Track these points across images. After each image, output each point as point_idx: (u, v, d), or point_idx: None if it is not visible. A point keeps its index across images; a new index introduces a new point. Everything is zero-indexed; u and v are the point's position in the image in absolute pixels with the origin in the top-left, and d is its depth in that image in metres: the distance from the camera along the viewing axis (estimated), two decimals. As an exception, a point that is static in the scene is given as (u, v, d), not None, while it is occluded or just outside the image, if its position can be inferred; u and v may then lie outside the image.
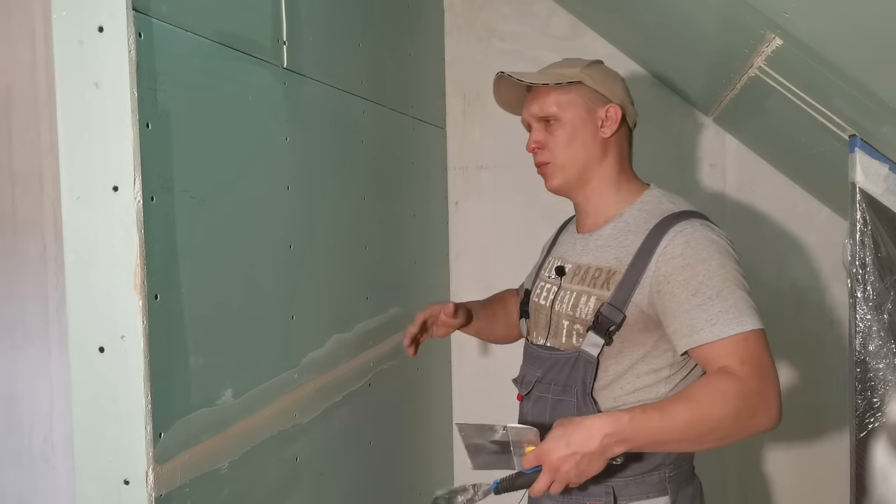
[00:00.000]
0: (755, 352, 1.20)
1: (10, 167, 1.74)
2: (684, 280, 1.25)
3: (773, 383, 1.21)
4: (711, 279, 1.24)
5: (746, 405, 1.18)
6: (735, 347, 1.20)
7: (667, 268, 1.27)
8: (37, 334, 1.76)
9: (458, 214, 2.57)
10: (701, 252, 1.26)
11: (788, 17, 1.25)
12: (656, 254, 1.29)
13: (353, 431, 1.76)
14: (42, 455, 1.77)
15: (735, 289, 1.24)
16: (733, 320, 1.21)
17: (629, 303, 1.30)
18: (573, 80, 1.40)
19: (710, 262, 1.25)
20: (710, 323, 1.21)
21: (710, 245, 1.27)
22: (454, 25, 2.53)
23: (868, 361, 1.56)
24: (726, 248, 1.29)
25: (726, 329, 1.20)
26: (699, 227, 1.30)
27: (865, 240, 1.55)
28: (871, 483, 1.59)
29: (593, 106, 1.40)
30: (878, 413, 1.57)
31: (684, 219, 1.31)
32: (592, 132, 1.40)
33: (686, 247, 1.27)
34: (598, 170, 1.42)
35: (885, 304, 1.55)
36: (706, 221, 1.33)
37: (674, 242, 1.28)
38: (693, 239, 1.27)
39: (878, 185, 1.53)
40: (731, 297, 1.22)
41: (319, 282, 1.59)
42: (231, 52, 1.27)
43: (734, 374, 1.19)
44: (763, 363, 1.20)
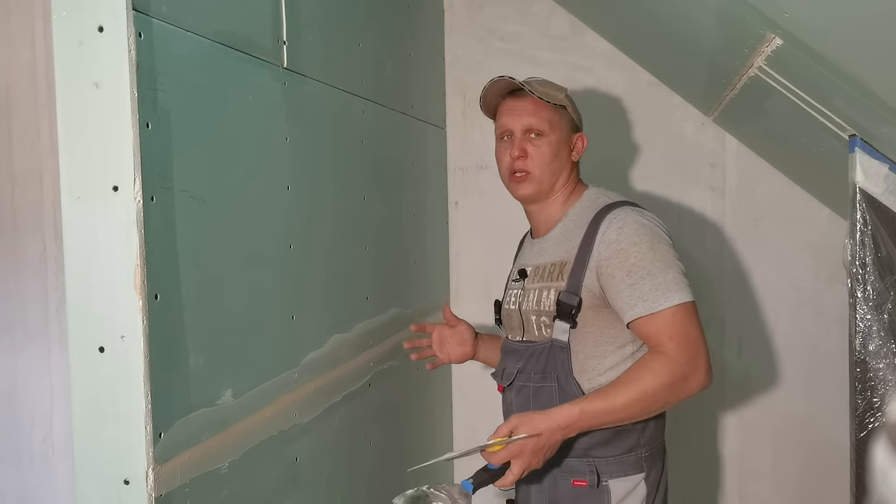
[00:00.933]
0: (682, 325, 1.38)
1: (10, 167, 1.74)
2: (619, 262, 1.42)
3: (700, 350, 1.38)
4: (642, 260, 1.41)
5: (676, 376, 1.36)
6: (664, 321, 1.38)
7: (605, 252, 1.44)
8: (37, 334, 1.76)
9: (458, 214, 2.57)
10: (632, 236, 1.43)
11: (788, 17, 1.25)
12: (596, 240, 1.46)
13: (353, 431, 1.76)
14: (42, 455, 1.77)
15: (663, 267, 1.40)
16: (661, 296, 1.38)
17: (581, 286, 1.47)
18: (562, 104, 1.58)
19: (640, 244, 1.42)
20: (643, 299, 1.39)
21: (641, 229, 1.44)
22: (454, 25, 2.53)
23: (868, 361, 1.56)
24: (656, 230, 1.45)
25: (655, 304, 1.38)
26: (630, 214, 1.47)
27: (865, 240, 1.55)
28: (871, 483, 1.59)
29: (570, 132, 1.61)
30: (878, 413, 1.57)
31: (617, 207, 1.50)
32: (567, 154, 1.59)
33: (619, 232, 1.44)
34: (562, 186, 1.60)
35: (885, 304, 1.55)
36: (637, 208, 1.51)
37: (609, 229, 1.45)
38: (625, 224, 1.45)
39: (878, 185, 1.53)
40: (659, 276, 1.39)
41: (319, 282, 1.59)
42: (231, 52, 1.27)
43: (663, 351, 1.37)
44: (689, 334, 1.38)
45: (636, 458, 1.49)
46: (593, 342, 1.48)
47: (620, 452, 1.48)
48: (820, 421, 2.31)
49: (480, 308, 2.55)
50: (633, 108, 2.40)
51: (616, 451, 1.47)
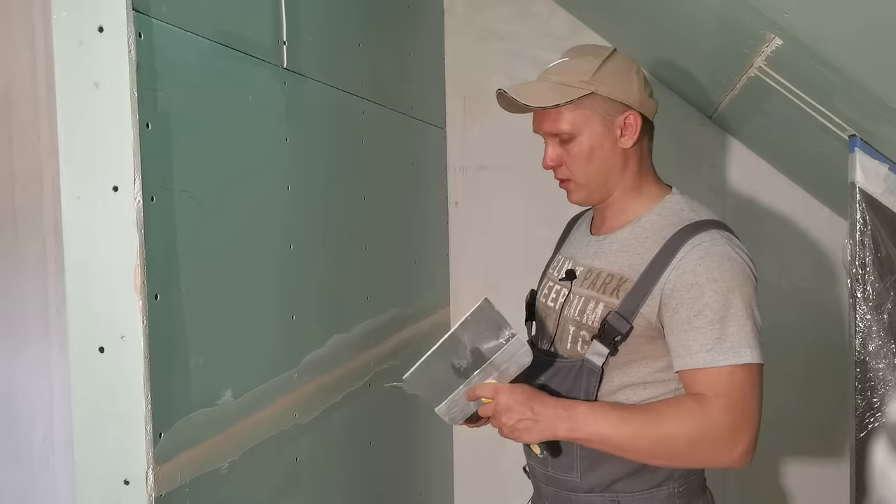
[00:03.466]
0: (738, 387, 1.17)
1: (10, 167, 1.74)
2: (691, 299, 1.20)
3: (748, 423, 1.17)
4: (717, 302, 1.18)
5: (705, 436, 1.16)
6: (719, 377, 1.17)
7: (677, 282, 1.21)
8: (37, 334, 1.76)
9: (458, 214, 2.57)
10: (713, 271, 1.20)
11: (788, 17, 1.25)
12: (671, 265, 1.22)
13: (353, 431, 1.76)
14: (42, 455, 1.77)
15: (740, 317, 1.18)
16: (729, 350, 1.17)
17: (637, 314, 1.24)
18: (585, 94, 1.29)
19: (720, 283, 1.19)
20: (706, 348, 1.18)
21: (725, 264, 1.20)
22: (454, 26, 2.53)
23: (868, 361, 1.56)
24: (743, 268, 1.22)
25: (719, 358, 1.17)
26: (719, 242, 1.22)
27: (865, 240, 1.55)
28: (871, 483, 1.59)
29: (610, 117, 1.31)
30: (878, 413, 1.57)
31: (704, 230, 1.24)
32: (612, 145, 1.32)
33: (700, 263, 1.21)
34: (621, 180, 1.35)
35: (885, 304, 1.55)
36: (728, 234, 1.26)
37: (689, 256, 1.22)
38: (709, 255, 1.21)
39: (878, 185, 1.53)
40: (733, 325, 1.18)
41: (319, 282, 1.59)
42: (231, 52, 1.27)
43: (705, 402, 1.17)
44: (744, 400, 1.16)
45: (668, 493, 1.28)
46: (634, 373, 1.28)
47: (649, 486, 1.28)
48: (820, 421, 2.31)
49: (480, 308, 2.56)
50: (633, 109, 2.40)
51: (643, 486, 1.27)
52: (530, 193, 2.49)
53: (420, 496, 2.28)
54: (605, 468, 1.28)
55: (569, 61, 1.34)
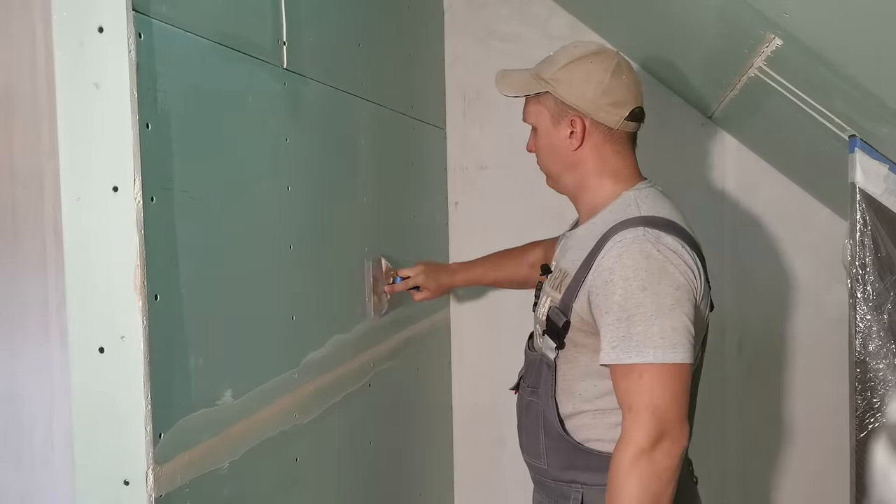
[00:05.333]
0: (646, 391, 1.17)
1: (10, 167, 1.74)
2: (605, 296, 1.23)
3: (664, 423, 1.18)
4: (627, 300, 1.20)
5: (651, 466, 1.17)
6: (627, 380, 1.19)
7: (597, 279, 1.25)
8: (37, 334, 1.76)
9: (458, 214, 2.57)
10: (627, 269, 1.21)
11: (788, 18, 1.25)
12: (595, 262, 1.26)
13: (353, 431, 1.76)
14: (42, 455, 1.77)
15: (648, 316, 1.18)
16: (633, 349, 1.18)
17: (571, 308, 1.29)
18: (540, 91, 1.35)
19: (631, 281, 1.20)
20: (612, 345, 1.20)
21: (641, 262, 1.21)
22: (454, 26, 2.53)
23: (868, 361, 1.56)
24: (663, 266, 1.21)
25: (625, 355, 1.19)
26: (640, 240, 1.23)
27: (865, 240, 1.55)
28: (871, 483, 1.59)
29: (558, 118, 1.36)
30: (878, 413, 1.57)
31: (630, 226, 1.25)
32: (562, 143, 1.36)
33: (616, 260, 1.23)
34: (576, 177, 1.39)
35: (885, 305, 1.55)
36: (657, 231, 1.25)
37: (609, 254, 1.24)
38: (626, 253, 1.22)
39: (878, 185, 1.54)
40: (640, 324, 1.18)
41: (319, 282, 1.59)
42: (231, 52, 1.27)
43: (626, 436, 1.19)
44: (654, 403, 1.17)
45: None
46: (581, 368, 1.32)
47: None
48: (820, 421, 2.31)
49: (480, 308, 2.56)
50: (633, 109, 2.39)
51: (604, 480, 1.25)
52: (530, 193, 2.48)
53: (420, 496, 2.28)
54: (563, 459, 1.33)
55: (552, 56, 1.40)
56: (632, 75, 1.37)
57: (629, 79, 1.36)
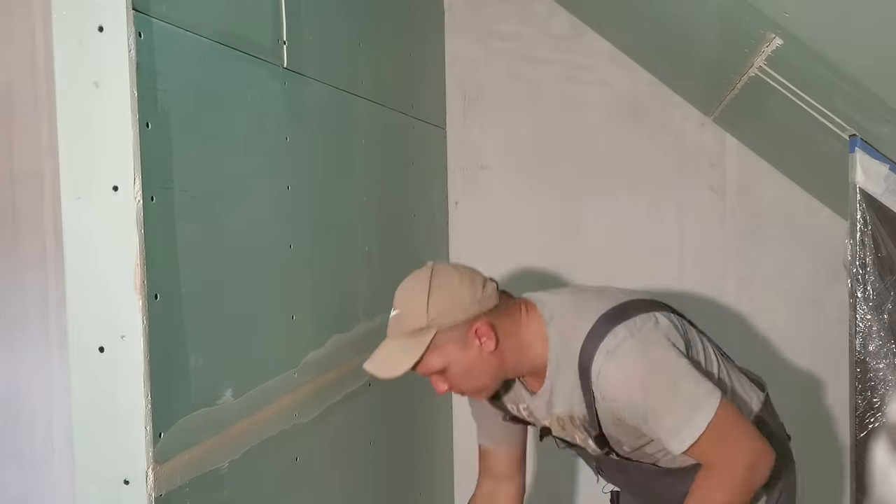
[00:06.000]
0: (718, 440, 1.28)
1: (10, 167, 1.74)
2: (633, 411, 1.31)
3: (745, 447, 1.29)
4: (649, 405, 1.29)
5: (743, 483, 1.28)
6: (702, 449, 1.28)
7: (617, 403, 1.32)
8: (37, 334, 1.76)
9: (458, 214, 2.57)
10: (626, 382, 1.30)
11: (788, 17, 1.25)
12: (594, 387, 1.32)
13: (353, 431, 1.76)
14: (42, 455, 1.77)
15: (671, 401, 1.28)
16: (686, 430, 1.27)
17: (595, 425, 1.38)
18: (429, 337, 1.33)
19: (637, 390, 1.29)
20: (673, 437, 1.28)
21: (629, 366, 1.30)
22: (454, 25, 2.53)
23: (868, 361, 1.56)
24: (656, 350, 1.31)
25: (687, 437, 1.27)
26: (611, 346, 1.31)
27: (865, 240, 1.55)
28: (871, 483, 1.59)
29: (462, 339, 1.35)
30: (878, 413, 1.57)
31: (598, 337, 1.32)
32: (479, 355, 1.36)
33: (615, 385, 1.31)
34: (506, 366, 1.39)
35: (885, 304, 1.55)
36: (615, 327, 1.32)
37: (604, 383, 1.31)
38: (614, 370, 1.30)
39: (879, 185, 1.53)
40: (673, 412, 1.28)
41: (319, 282, 1.59)
42: (231, 52, 1.27)
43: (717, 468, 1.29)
44: (729, 441, 1.28)
45: None
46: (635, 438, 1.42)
47: None
48: (820, 421, 2.31)
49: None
50: (634, 108, 2.39)
51: None
52: (530, 193, 2.49)
53: (420, 496, 2.28)
54: None
55: (400, 313, 1.39)
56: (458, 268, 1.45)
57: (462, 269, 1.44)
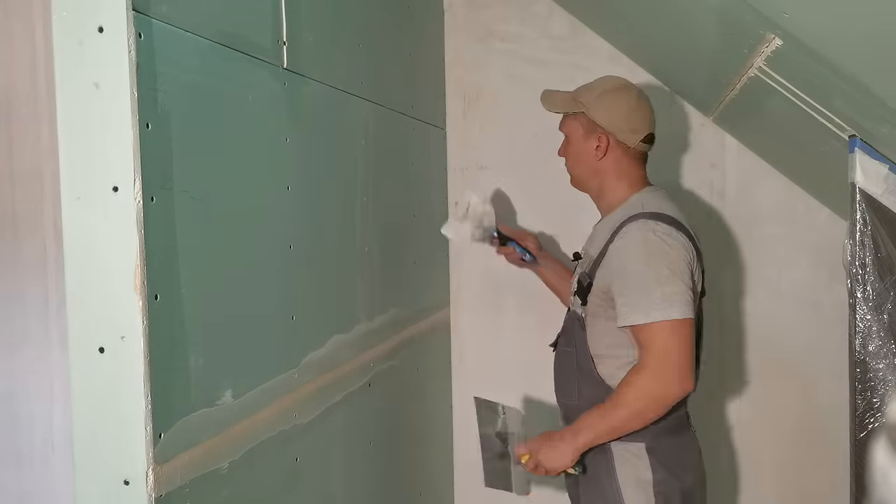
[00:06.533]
0: (657, 340, 1.52)
1: (10, 167, 1.74)
2: (617, 271, 1.58)
3: (674, 366, 1.51)
4: (634, 276, 1.55)
5: (655, 390, 1.52)
6: (644, 335, 1.53)
7: (610, 262, 1.61)
8: (37, 334, 1.76)
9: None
10: (630, 250, 1.57)
11: (788, 18, 1.25)
12: (610, 246, 1.62)
13: (353, 431, 1.76)
14: (42, 455, 1.77)
15: (653, 284, 1.52)
16: (642, 311, 1.52)
17: (594, 277, 1.65)
18: (578, 111, 1.73)
19: (637, 258, 1.55)
20: (629, 311, 1.54)
21: (642, 244, 1.56)
22: (454, 26, 2.53)
23: (868, 361, 1.56)
24: (661, 246, 1.55)
25: (636, 317, 1.53)
26: (641, 227, 1.58)
27: (865, 240, 1.55)
28: (871, 483, 1.59)
29: (589, 133, 1.73)
30: (878, 413, 1.57)
31: (636, 219, 1.60)
32: (589, 153, 1.73)
33: (623, 243, 1.58)
34: (601, 181, 1.74)
35: (885, 305, 1.55)
36: (655, 222, 1.59)
37: (619, 239, 1.60)
38: (630, 238, 1.58)
39: (878, 185, 1.53)
40: (645, 291, 1.53)
41: (319, 282, 1.59)
42: (231, 52, 1.27)
43: (643, 365, 1.53)
44: (666, 350, 1.51)
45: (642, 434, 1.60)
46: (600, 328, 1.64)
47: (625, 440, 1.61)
48: (820, 421, 2.31)
49: (481, 308, 2.56)
50: (633, 109, 2.39)
51: None
52: (530, 193, 2.49)
53: (420, 496, 2.28)
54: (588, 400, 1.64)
55: (589, 84, 1.76)
56: (648, 108, 1.75)
57: (645, 110, 1.74)
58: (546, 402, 2.39)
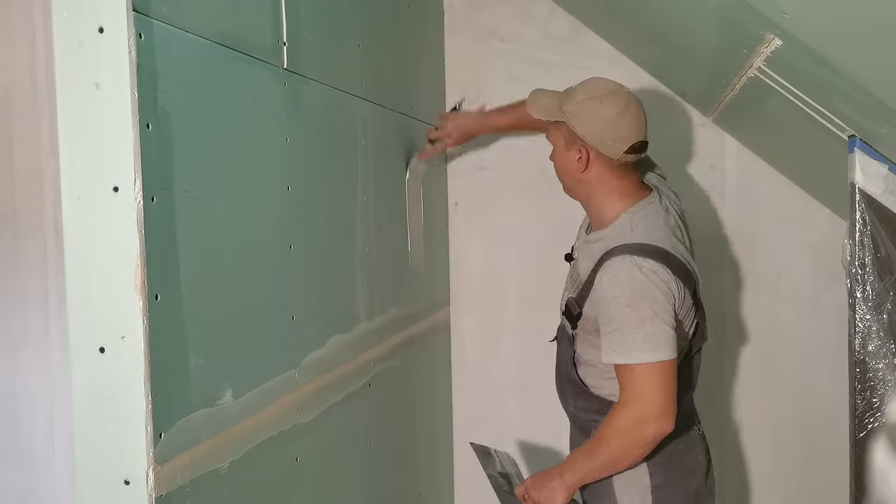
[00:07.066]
0: (637, 381, 1.48)
1: (10, 167, 1.74)
2: (604, 311, 1.52)
3: (652, 405, 1.47)
4: (618, 315, 1.49)
5: (634, 430, 1.49)
6: (624, 376, 1.50)
7: (596, 296, 1.55)
8: (37, 334, 1.76)
9: (458, 214, 2.57)
10: (616, 289, 1.50)
11: (788, 18, 1.25)
12: (596, 279, 1.55)
13: (353, 431, 1.77)
14: (42, 455, 1.77)
15: (635, 326, 1.47)
16: (624, 353, 1.48)
17: (583, 307, 1.60)
18: (559, 119, 1.61)
19: (620, 299, 1.49)
20: (612, 349, 1.51)
21: (628, 283, 1.49)
22: (454, 26, 2.53)
23: (868, 361, 1.57)
24: (644, 286, 1.48)
25: (618, 357, 1.49)
26: (627, 265, 1.50)
27: (865, 240, 1.55)
28: (871, 483, 1.59)
29: (569, 144, 1.62)
30: (877, 413, 1.57)
31: (619, 254, 1.52)
32: (571, 164, 1.62)
33: (609, 283, 1.51)
34: (587, 193, 1.65)
35: (885, 304, 1.55)
36: (642, 258, 1.51)
37: (603, 276, 1.53)
38: (615, 277, 1.51)
39: (878, 185, 1.54)
40: (628, 334, 1.48)
41: (319, 282, 1.59)
42: (231, 52, 1.27)
43: (621, 402, 1.51)
44: (644, 393, 1.47)
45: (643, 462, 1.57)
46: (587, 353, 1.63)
47: None
48: (820, 421, 2.31)
49: (480, 308, 2.56)
50: (633, 109, 2.39)
51: None
52: (530, 193, 2.49)
53: (420, 496, 2.28)
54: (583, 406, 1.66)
55: (574, 88, 1.63)
56: (637, 114, 1.58)
57: (634, 117, 1.57)
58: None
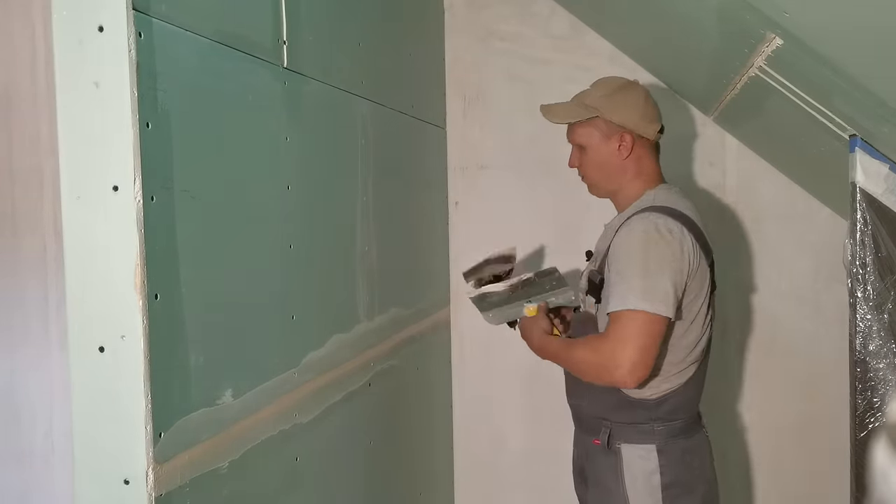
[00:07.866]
0: (623, 324, 1.49)
1: (10, 167, 1.74)
2: (614, 264, 1.57)
3: (625, 349, 1.47)
4: (625, 267, 1.53)
5: (600, 363, 1.51)
6: (614, 317, 1.52)
7: (612, 252, 1.59)
8: (37, 334, 1.76)
9: (458, 214, 2.57)
10: (627, 241, 1.55)
11: (788, 17, 1.25)
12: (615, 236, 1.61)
13: (353, 431, 1.76)
14: (42, 455, 1.77)
15: (638, 276, 1.50)
16: (621, 299, 1.50)
17: (603, 272, 1.64)
18: (590, 116, 1.69)
19: (631, 252, 1.53)
20: (612, 299, 1.53)
21: (640, 235, 1.54)
22: (454, 25, 2.53)
23: (868, 361, 1.56)
24: (657, 241, 1.53)
25: (614, 304, 1.52)
26: (644, 220, 1.56)
27: (865, 240, 1.55)
28: (871, 483, 1.59)
29: (608, 136, 1.70)
30: (878, 413, 1.57)
31: (642, 213, 1.59)
32: (612, 155, 1.70)
33: (626, 236, 1.57)
34: (622, 181, 1.72)
35: (885, 304, 1.55)
36: (659, 215, 1.57)
37: (620, 233, 1.59)
38: (631, 230, 1.56)
39: (879, 184, 1.53)
40: (628, 282, 1.51)
41: (319, 282, 1.59)
42: (231, 51, 1.27)
43: (605, 335, 1.53)
44: (626, 336, 1.48)
45: (649, 429, 1.61)
46: None
47: (632, 421, 1.62)
48: (820, 421, 2.31)
49: (480, 308, 2.56)
50: (634, 108, 2.39)
51: (627, 419, 1.62)
52: (530, 193, 2.49)
53: (420, 496, 2.28)
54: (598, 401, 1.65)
55: (591, 88, 1.74)
56: (653, 100, 1.74)
57: (653, 102, 1.73)
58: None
